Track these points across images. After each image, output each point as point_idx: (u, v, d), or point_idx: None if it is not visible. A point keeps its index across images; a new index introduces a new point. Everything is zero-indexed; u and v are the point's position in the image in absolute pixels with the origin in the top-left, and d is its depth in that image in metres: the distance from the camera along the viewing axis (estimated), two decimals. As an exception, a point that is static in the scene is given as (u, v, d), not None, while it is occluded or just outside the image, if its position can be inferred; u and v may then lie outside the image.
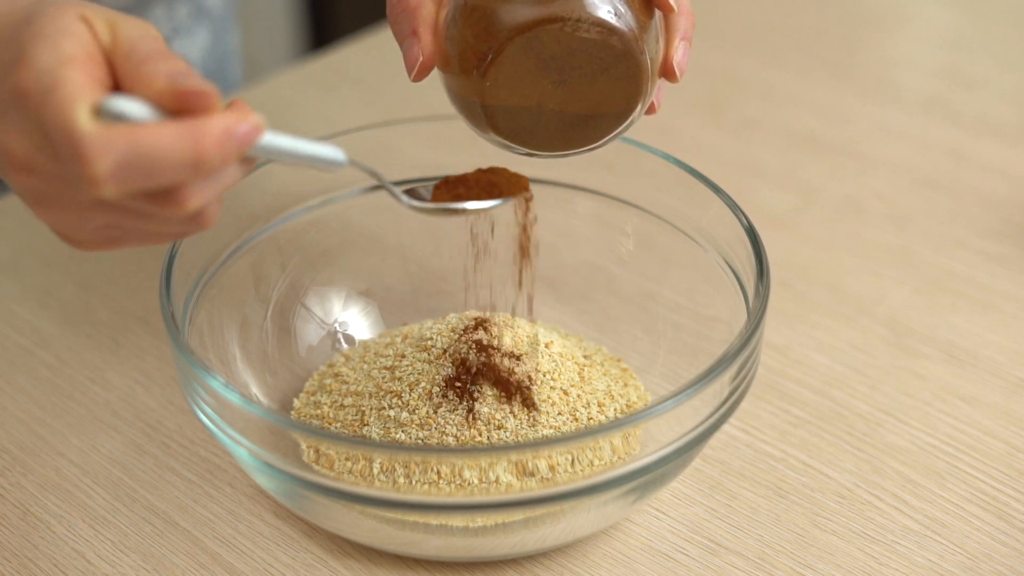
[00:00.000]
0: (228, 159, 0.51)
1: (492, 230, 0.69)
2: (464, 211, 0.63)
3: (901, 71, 1.11)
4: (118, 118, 0.50)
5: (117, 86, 0.52)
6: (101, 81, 0.51)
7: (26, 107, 0.51)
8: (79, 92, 0.50)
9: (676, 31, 0.62)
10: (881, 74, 1.10)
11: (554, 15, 0.59)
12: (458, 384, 0.65)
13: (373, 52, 1.13)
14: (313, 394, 0.71)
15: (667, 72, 0.63)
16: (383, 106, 1.05)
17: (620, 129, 0.63)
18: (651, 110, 0.64)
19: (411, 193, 0.63)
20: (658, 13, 0.62)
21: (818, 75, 1.09)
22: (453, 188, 0.64)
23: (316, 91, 1.08)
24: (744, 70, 1.10)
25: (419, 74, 0.63)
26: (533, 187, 0.77)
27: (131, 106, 0.50)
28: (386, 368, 0.68)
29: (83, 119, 0.49)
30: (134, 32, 0.53)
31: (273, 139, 0.54)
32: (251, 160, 0.54)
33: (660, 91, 0.64)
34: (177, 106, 0.51)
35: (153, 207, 0.52)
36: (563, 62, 0.60)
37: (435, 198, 0.63)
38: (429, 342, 0.68)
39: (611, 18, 0.59)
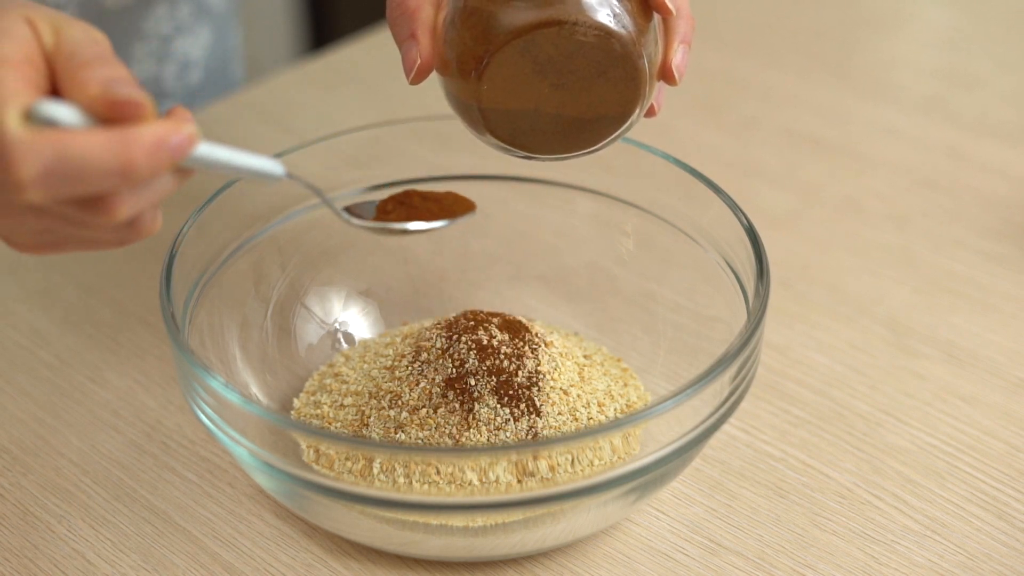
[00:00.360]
0: (159, 169, 0.51)
1: None
2: (405, 231, 0.63)
3: (900, 71, 1.11)
4: (48, 123, 0.49)
5: (55, 90, 0.52)
6: (37, 84, 0.51)
7: None
8: (10, 95, 0.50)
9: (675, 34, 0.62)
10: (880, 74, 1.10)
11: (552, 18, 0.59)
12: (458, 385, 0.65)
13: (373, 52, 1.13)
14: (313, 394, 0.71)
15: (666, 75, 0.63)
16: (383, 106, 1.05)
17: (619, 132, 0.63)
18: (651, 113, 0.64)
19: (351, 210, 0.62)
20: (657, 16, 0.62)
21: (817, 76, 1.09)
22: (398, 207, 0.64)
23: (316, 91, 1.08)
24: (743, 71, 1.10)
25: (417, 77, 0.63)
26: (533, 187, 0.77)
27: (62, 111, 0.50)
28: (386, 368, 0.68)
29: (11, 122, 0.49)
30: (78, 36, 0.53)
31: (209, 150, 0.53)
32: (187, 171, 0.53)
33: (660, 94, 0.64)
34: (109, 114, 0.50)
35: (83, 214, 0.52)
36: (561, 65, 0.60)
37: (379, 216, 0.63)
38: (429, 342, 0.68)
39: (609, 21, 0.59)
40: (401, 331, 0.75)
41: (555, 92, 0.61)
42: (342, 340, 0.76)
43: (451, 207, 0.64)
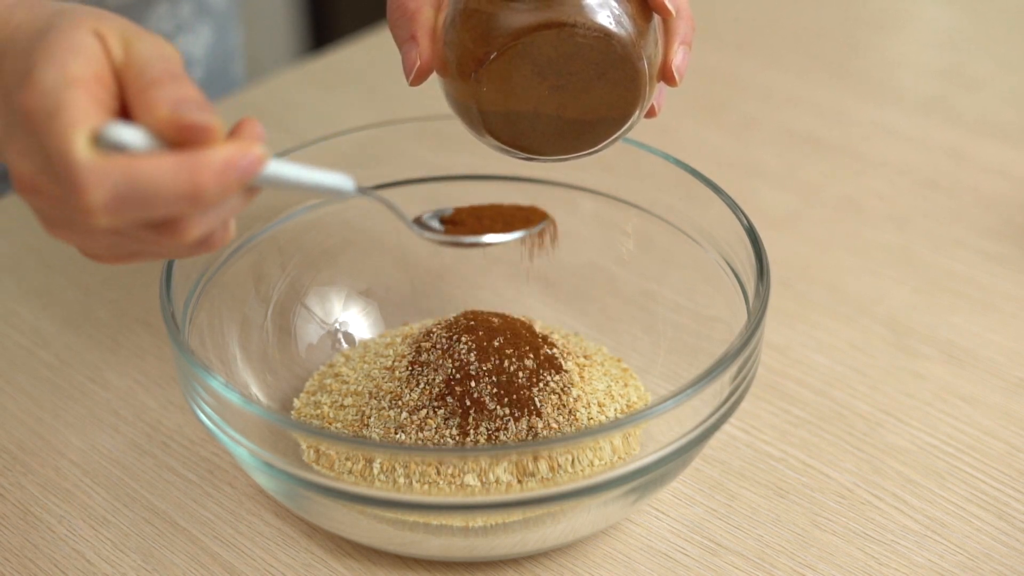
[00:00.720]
0: (228, 192, 0.50)
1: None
2: (479, 244, 0.62)
3: (901, 72, 1.11)
4: (117, 147, 0.49)
5: (124, 107, 0.51)
6: (105, 104, 0.51)
7: (30, 128, 0.50)
8: (79, 117, 0.49)
9: (675, 35, 0.62)
10: (881, 75, 1.10)
11: (552, 20, 0.59)
12: (458, 385, 0.65)
13: (373, 52, 1.13)
14: (313, 394, 0.71)
15: (666, 76, 0.63)
16: (383, 106, 1.05)
17: (619, 133, 0.63)
18: (651, 113, 0.64)
19: (420, 221, 0.62)
20: (656, 17, 0.62)
21: (818, 76, 1.09)
22: (469, 218, 0.63)
23: (316, 91, 1.08)
24: (744, 70, 1.10)
25: (416, 78, 0.62)
26: (533, 187, 0.77)
27: (130, 135, 0.49)
28: (386, 368, 0.68)
29: (80, 147, 0.48)
30: (148, 51, 0.52)
31: (277, 169, 0.53)
32: (255, 189, 0.53)
33: (661, 95, 0.64)
34: (177, 137, 0.50)
35: (154, 235, 0.52)
36: (560, 67, 0.60)
37: (449, 229, 0.62)
38: (429, 342, 0.68)
39: (609, 23, 0.59)
40: (401, 331, 0.75)
41: (555, 94, 0.61)
42: (342, 340, 0.76)
43: (525, 218, 0.63)
